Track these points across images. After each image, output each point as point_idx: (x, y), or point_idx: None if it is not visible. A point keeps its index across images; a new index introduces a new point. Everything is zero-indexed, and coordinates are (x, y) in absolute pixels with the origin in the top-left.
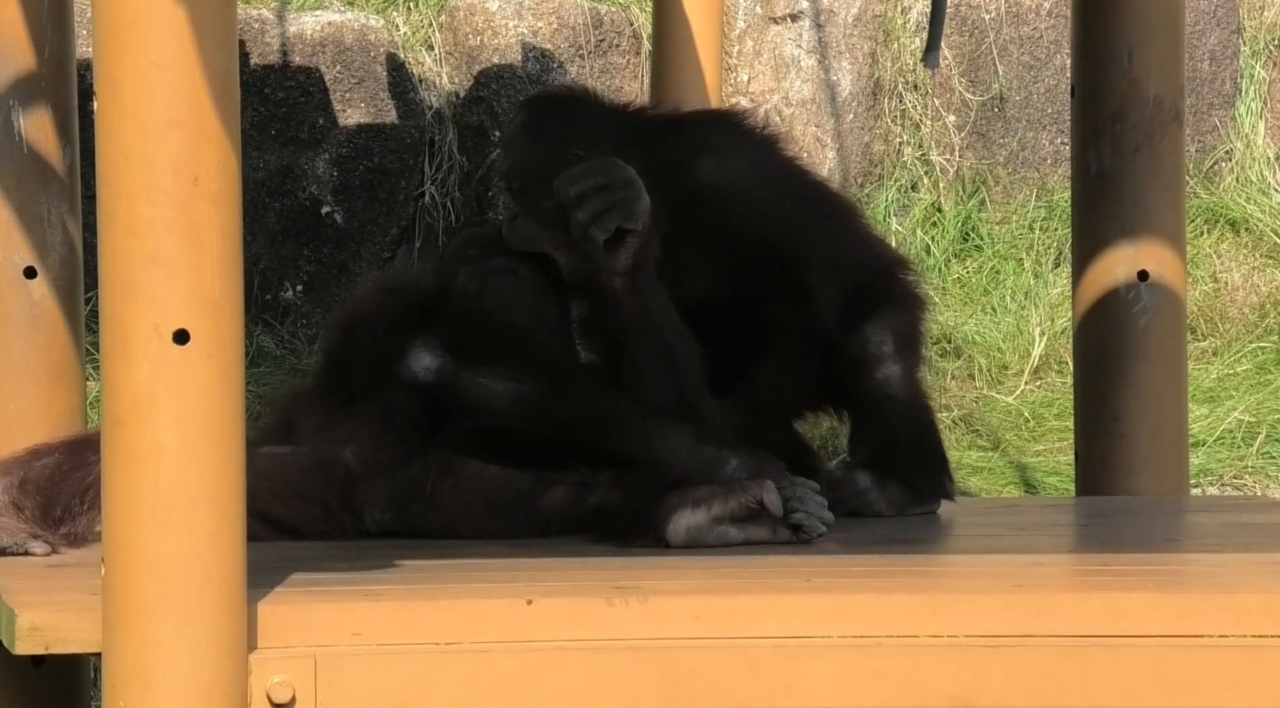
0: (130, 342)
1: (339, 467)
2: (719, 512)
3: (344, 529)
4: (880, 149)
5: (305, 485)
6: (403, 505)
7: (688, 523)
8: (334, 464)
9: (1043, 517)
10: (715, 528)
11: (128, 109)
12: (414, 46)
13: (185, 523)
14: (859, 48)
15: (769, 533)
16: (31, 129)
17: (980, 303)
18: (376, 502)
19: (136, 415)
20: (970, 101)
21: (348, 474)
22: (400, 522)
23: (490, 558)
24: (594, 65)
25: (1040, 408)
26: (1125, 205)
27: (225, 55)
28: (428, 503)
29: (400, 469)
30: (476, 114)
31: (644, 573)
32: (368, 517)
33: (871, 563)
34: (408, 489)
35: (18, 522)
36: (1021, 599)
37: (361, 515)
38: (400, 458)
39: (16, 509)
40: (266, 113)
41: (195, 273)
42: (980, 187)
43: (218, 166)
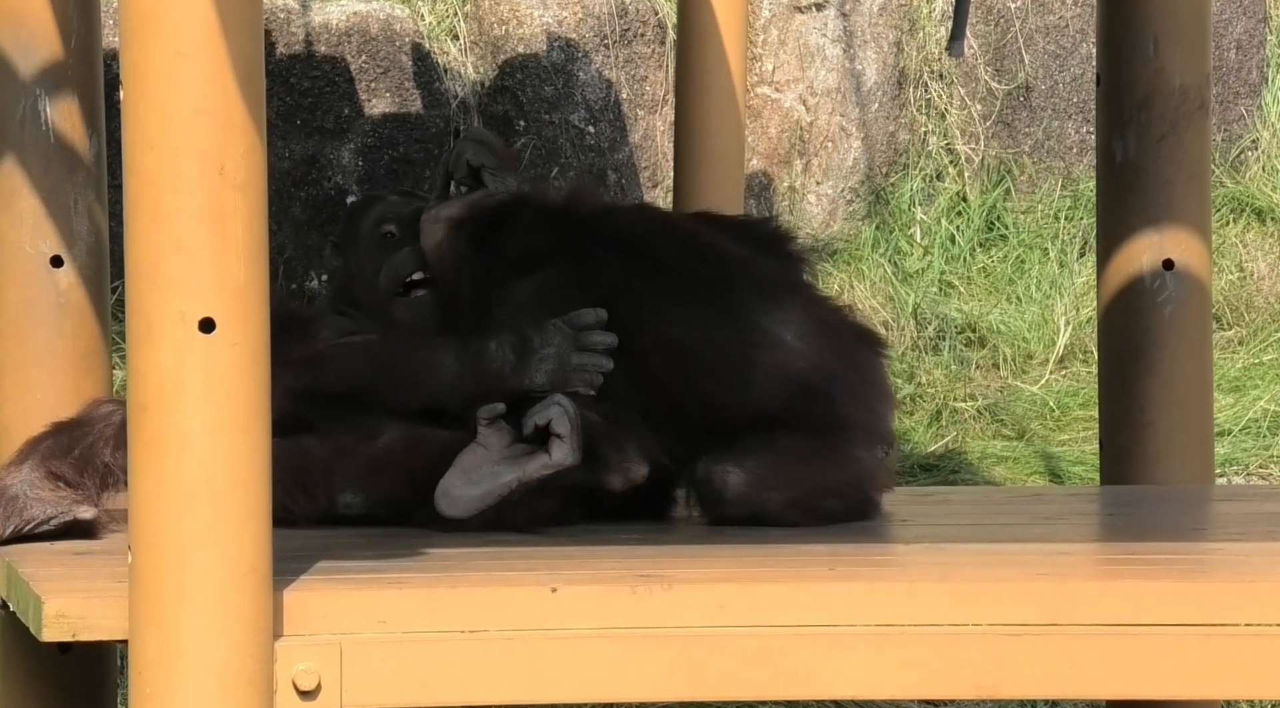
0: (156, 330)
1: (291, 448)
2: (482, 457)
3: (299, 507)
4: (905, 139)
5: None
6: (372, 484)
7: (451, 488)
8: (287, 445)
9: (1067, 506)
10: (482, 476)
11: (153, 98)
12: (439, 36)
13: (211, 510)
14: (884, 37)
15: (545, 458)
16: (58, 118)
17: (1005, 292)
18: (346, 484)
19: (162, 403)
20: (995, 90)
21: (304, 457)
22: (373, 503)
23: (514, 546)
24: (619, 55)
25: (1065, 397)
26: (1150, 194)
27: (251, 44)
28: (396, 477)
29: (364, 447)
30: (501, 104)
31: (669, 561)
32: (339, 501)
33: (895, 551)
34: (374, 466)
35: (56, 492)
36: (1046, 588)
37: (333, 500)
38: (361, 435)
39: (54, 480)
40: (292, 102)
41: (221, 261)
42: (1005, 176)
43: (243, 156)
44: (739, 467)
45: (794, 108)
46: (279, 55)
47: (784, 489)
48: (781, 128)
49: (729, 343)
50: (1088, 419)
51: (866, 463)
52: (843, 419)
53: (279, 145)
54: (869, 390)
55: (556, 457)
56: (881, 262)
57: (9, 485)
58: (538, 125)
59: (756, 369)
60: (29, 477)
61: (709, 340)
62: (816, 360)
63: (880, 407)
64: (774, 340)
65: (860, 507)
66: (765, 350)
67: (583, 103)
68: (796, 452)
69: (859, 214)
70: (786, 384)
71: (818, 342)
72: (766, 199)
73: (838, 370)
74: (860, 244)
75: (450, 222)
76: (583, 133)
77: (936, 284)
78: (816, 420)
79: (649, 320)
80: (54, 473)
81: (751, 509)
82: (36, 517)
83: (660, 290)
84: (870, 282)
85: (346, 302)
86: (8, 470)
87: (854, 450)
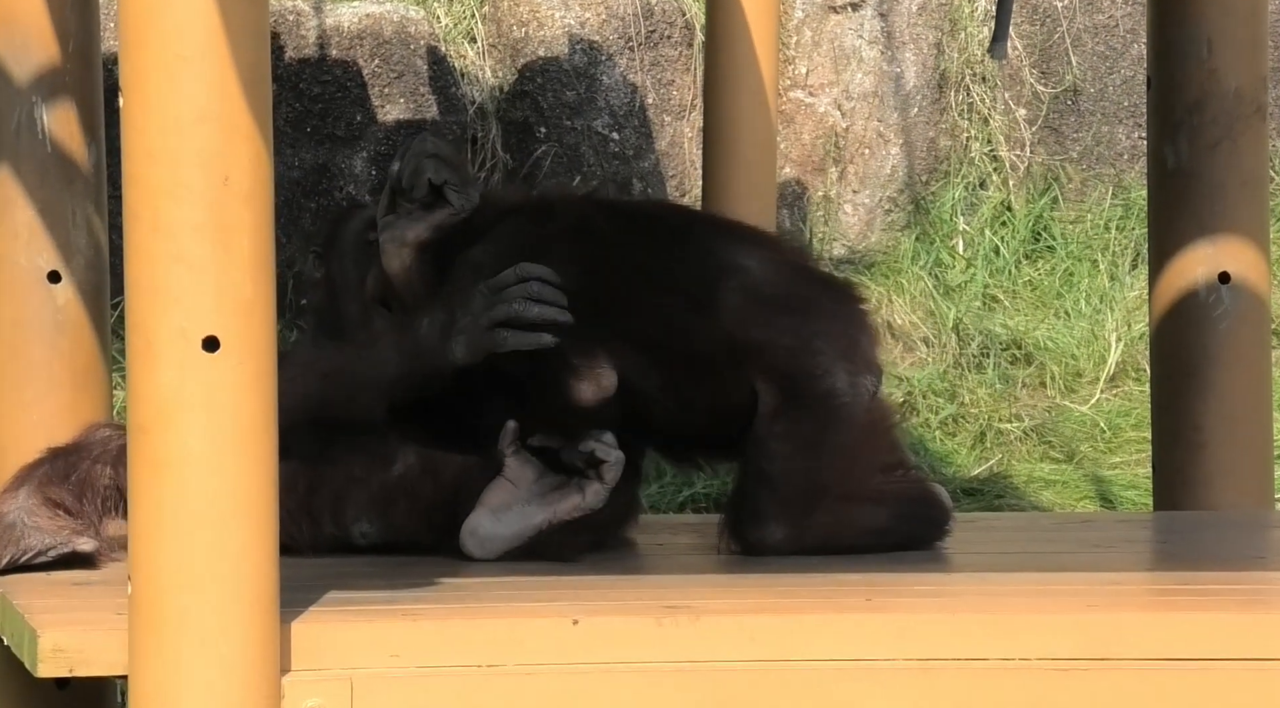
0: (157, 348)
1: (301, 474)
2: (511, 496)
3: (304, 536)
4: (946, 145)
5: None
6: (387, 513)
7: (478, 528)
8: (296, 472)
9: (1119, 532)
10: (511, 517)
11: (154, 104)
12: (456, 39)
13: (215, 538)
14: (924, 38)
15: (578, 499)
16: (55, 125)
17: (1053, 307)
18: (360, 512)
19: (164, 424)
20: (1042, 94)
21: (312, 483)
22: (388, 532)
23: (534, 575)
24: (644, 58)
25: (1116, 418)
26: (1205, 203)
27: (257, 47)
28: (411, 505)
29: (378, 473)
30: (521, 109)
31: (695, 591)
32: (354, 530)
33: (935, 581)
34: (387, 494)
35: (55, 521)
36: (1096, 620)
37: (345, 528)
38: (375, 462)
39: (53, 507)
40: (302, 108)
41: (225, 276)
42: (1052, 184)
43: (249, 164)
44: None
45: (829, 113)
46: (288, 59)
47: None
48: (816, 134)
49: (693, 269)
50: (1140, 441)
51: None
52: (818, 342)
53: (288, 153)
54: (842, 315)
55: (590, 500)
56: (921, 275)
57: (5, 513)
58: (559, 132)
59: (720, 291)
60: (26, 504)
61: (672, 270)
62: (782, 282)
63: (858, 334)
64: (738, 267)
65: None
66: (730, 275)
67: (606, 108)
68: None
69: (898, 224)
70: (755, 304)
71: (783, 269)
72: (800, 209)
73: (806, 293)
74: (899, 256)
75: (417, 245)
76: (606, 140)
77: (980, 298)
78: (794, 348)
79: (611, 267)
80: (53, 500)
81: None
82: (34, 547)
83: (621, 240)
84: (910, 295)
85: (330, 314)
86: (3, 497)
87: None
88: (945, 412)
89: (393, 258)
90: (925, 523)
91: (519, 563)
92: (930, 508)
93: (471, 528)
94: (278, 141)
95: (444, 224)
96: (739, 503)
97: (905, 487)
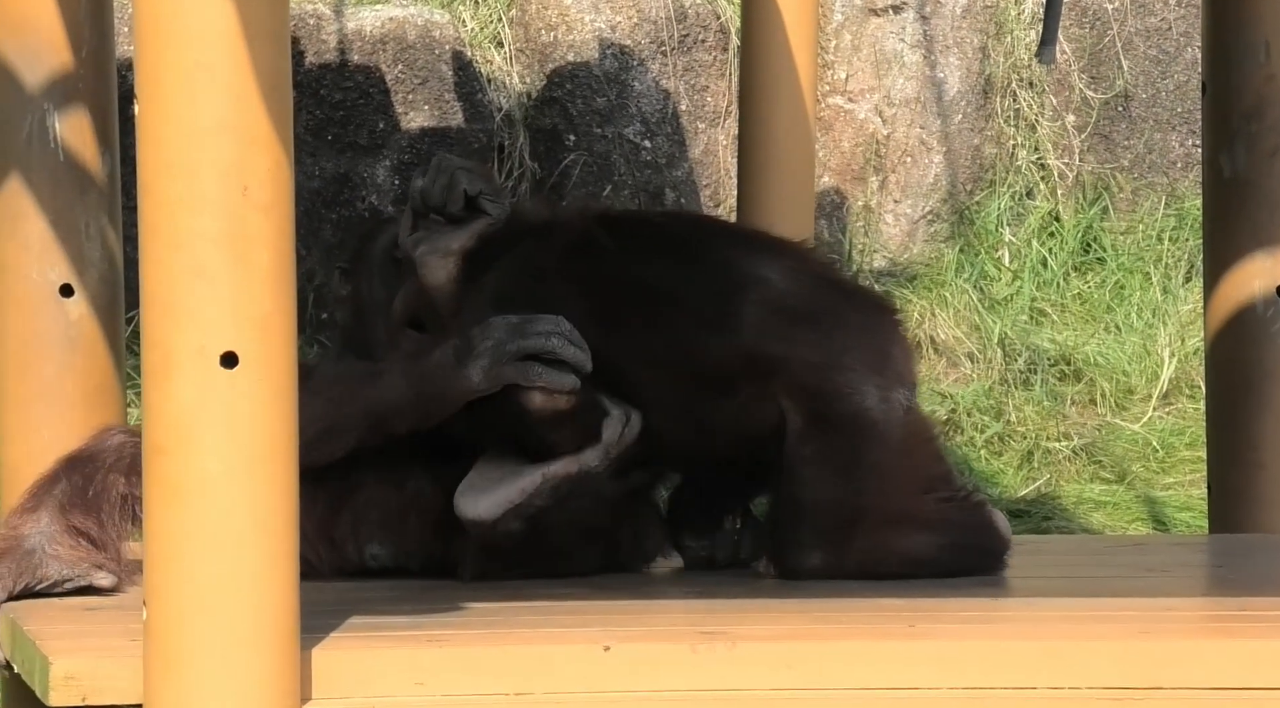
0: (174, 364)
1: (321, 496)
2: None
3: (321, 559)
4: (992, 153)
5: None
6: (399, 533)
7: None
8: (313, 494)
9: (1172, 556)
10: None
11: (171, 112)
12: (482, 43)
13: (233, 561)
14: (968, 41)
15: (572, 458)
16: (68, 134)
17: (1103, 321)
18: (372, 534)
19: (180, 444)
20: (1091, 100)
21: (332, 504)
22: (399, 554)
23: (563, 599)
24: (677, 63)
25: (1170, 436)
26: (1262, 213)
27: (277, 53)
28: (422, 521)
29: (391, 495)
30: (549, 116)
31: (732, 616)
32: (366, 551)
33: (981, 606)
34: (399, 513)
35: (75, 551)
36: (1149, 648)
37: (360, 550)
38: (388, 483)
39: (75, 535)
40: (322, 116)
41: (244, 290)
42: (1102, 193)
43: (269, 174)
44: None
45: (869, 119)
46: (308, 65)
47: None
48: (855, 141)
49: (709, 282)
50: (1195, 460)
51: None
52: (845, 357)
53: (308, 162)
54: (871, 327)
55: (586, 456)
56: (966, 288)
57: (26, 536)
58: (589, 140)
59: (739, 304)
60: (49, 530)
61: (686, 285)
62: (805, 294)
63: (888, 346)
64: (756, 279)
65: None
66: (748, 287)
67: (638, 115)
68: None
69: (941, 235)
70: (777, 317)
71: (807, 280)
72: (839, 219)
73: (832, 304)
74: (942, 268)
75: (462, 254)
76: (638, 148)
77: (1027, 312)
78: (819, 364)
79: (617, 284)
80: (76, 527)
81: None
82: (50, 577)
83: (628, 256)
84: (954, 309)
85: (357, 332)
86: (24, 518)
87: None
88: (991, 430)
89: (437, 270)
90: (978, 553)
91: (547, 587)
92: (985, 536)
93: (464, 488)
94: (297, 150)
95: (484, 233)
96: (773, 530)
97: (957, 512)
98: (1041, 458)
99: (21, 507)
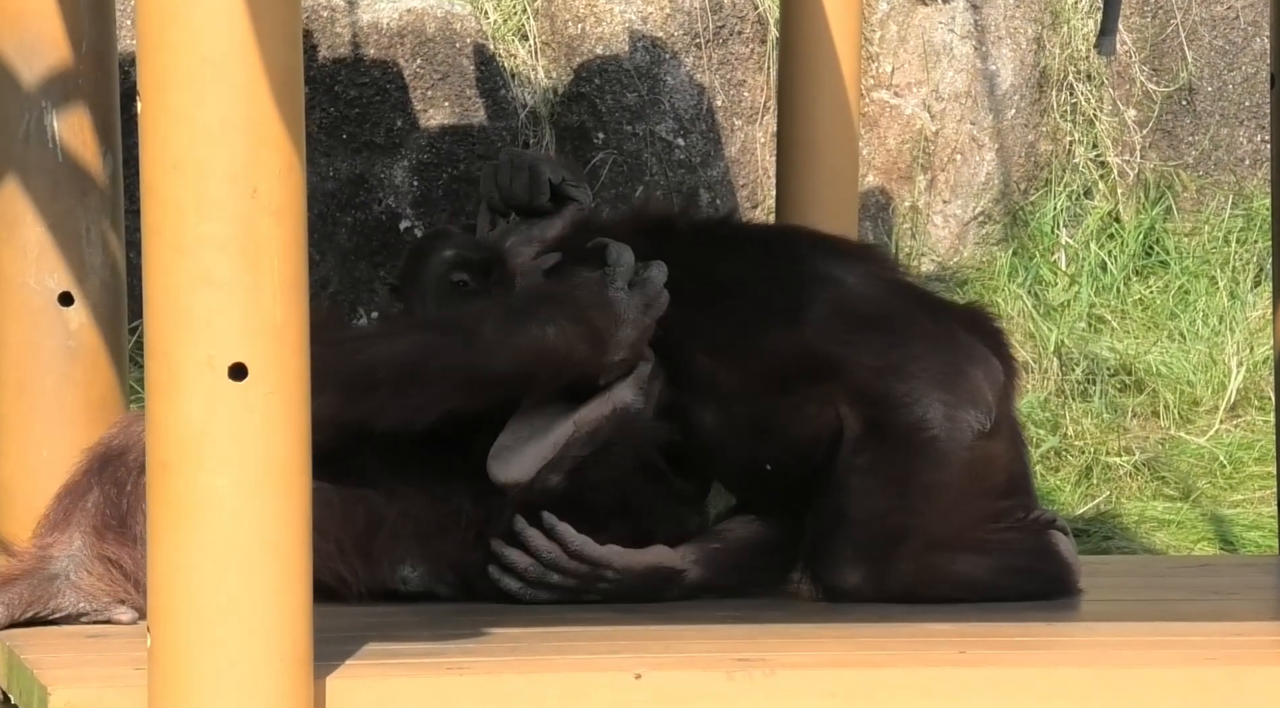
0: (180, 377)
1: (362, 507)
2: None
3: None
4: (1047, 150)
5: (322, 520)
6: (435, 553)
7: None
8: (356, 504)
9: (1240, 578)
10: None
11: (176, 110)
12: (505, 36)
13: (243, 585)
14: (1022, 32)
15: (605, 399)
16: (67, 133)
17: (1166, 328)
18: (407, 553)
19: (187, 461)
20: (1154, 93)
21: (371, 517)
22: (433, 579)
23: (591, 624)
24: (712, 56)
25: (1238, 451)
26: None
27: (288, 48)
28: (461, 537)
29: (432, 511)
30: (577, 114)
31: (770, 642)
32: (397, 572)
33: (1035, 631)
34: (439, 533)
35: (99, 584)
36: (1215, 674)
37: (392, 570)
38: (432, 497)
39: (106, 565)
40: (337, 114)
41: (254, 298)
42: (1165, 192)
43: (280, 176)
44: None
45: (916, 115)
46: (321, 60)
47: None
48: (902, 138)
49: (780, 276)
50: (1264, 476)
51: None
52: (911, 366)
53: (322, 163)
54: (949, 341)
55: (619, 395)
56: (1020, 293)
57: (53, 559)
58: (619, 138)
59: (807, 300)
60: (79, 555)
61: (758, 275)
62: (879, 300)
63: (966, 364)
64: (832, 279)
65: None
66: (822, 286)
67: (671, 111)
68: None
69: (993, 238)
70: (844, 318)
71: (884, 286)
72: (885, 221)
73: (903, 312)
74: (995, 273)
75: (559, 243)
76: (671, 146)
77: (1085, 319)
78: (881, 369)
79: (699, 266)
80: (108, 557)
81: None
82: (64, 609)
83: (716, 245)
84: (1007, 316)
85: None
86: (55, 537)
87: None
88: (1047, 444)
89: (532, 267)
90: (1037, 579)
91: (575, 611)
92: (1047, 562)
93: (495, 450)
94: (310, 150)
95: (575, 219)
96: (815, 542)
97: (1017, 536)
98: (1101, 474)
99: (52, 521)
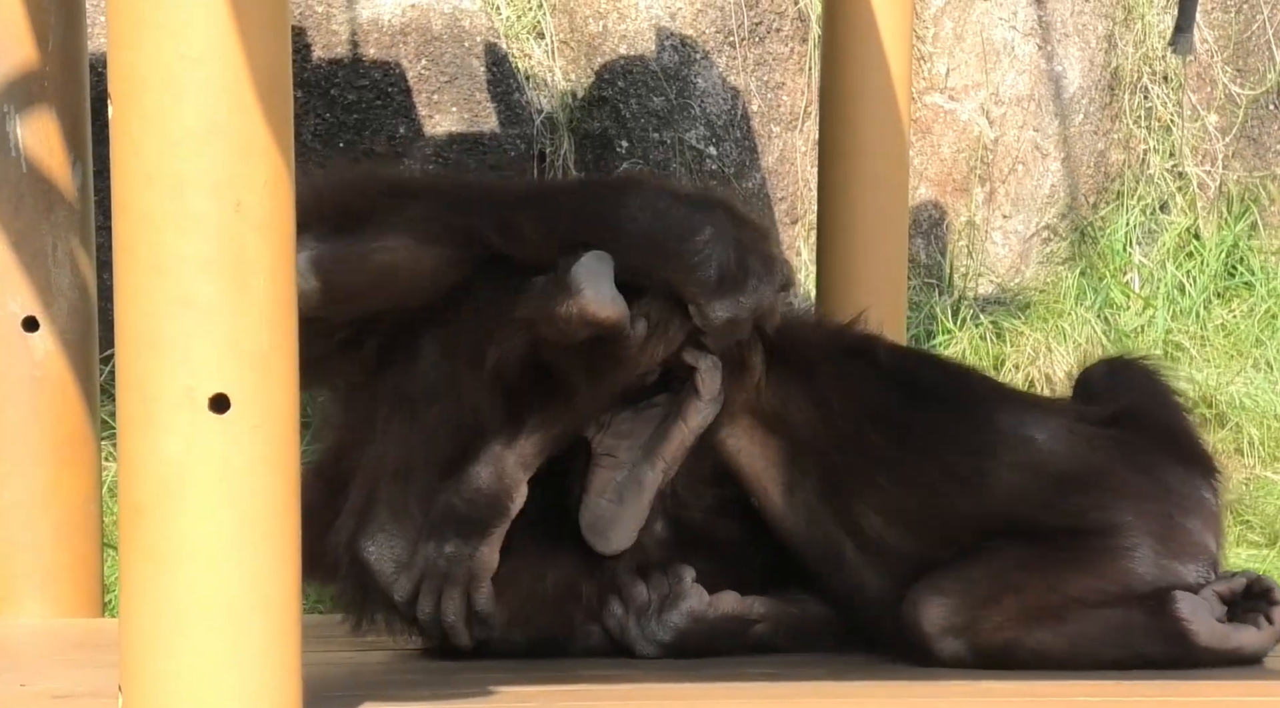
0: (157, 410)
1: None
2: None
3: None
4: (1119, 159)
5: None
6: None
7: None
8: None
9: None
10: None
11: (151, 113)
12: (519, 35)
13: (227, 638)
14: (1091, 29)
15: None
16: (32, 141)
17: (1251, 356)
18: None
19: (163, 502)
20: (1237, 97)
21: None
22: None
23: (609, 683)
24: (748, 55)
25: None
26: None
27: (275, 46)
28: (557, 618)
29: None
30: (598, 119)
31: (811, 702)
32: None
33: (1102, 691)
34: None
35: None
36: None
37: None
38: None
39: None
40: (333, 119)
41: (238, 322)
42: (1250, 206)
43: (267, 187)
44: (936, 590)
45: (974, 121)
46: (316, 60)
47: (1002, 607)
48: (958, 147)
49: (962, 434)
50: None
51: (1152, 563)
52: (1111, 521)
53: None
54: (1158, 493)
55: (695, 421)
56: (1088, 317)
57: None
58: (644, 146)
59: (995, 463)
60: None
61: (939, 434)
62: (1075, 457)
63: (1180, 516)
64: (1019, 440)
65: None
66: (1008, 449)
67: (702, 117)
68: (1022, 556)
69: (1059, 256)
70: (1032, 480)
71: (1080, 443)
72: (938, 238)
73: (1104, 465)
74: (1061, 294)
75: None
76: (702, 155)
77: (1161, 346)
78: (1074, 522)
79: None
80: None
81: (964, 642)
82: None
83: (905, 385)
84: (1074, 342)
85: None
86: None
87: (1128, 547)
88: None
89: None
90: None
91: (593, 667)
92: (1164, 644)
93: (590, 521)
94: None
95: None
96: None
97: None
98: None
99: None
